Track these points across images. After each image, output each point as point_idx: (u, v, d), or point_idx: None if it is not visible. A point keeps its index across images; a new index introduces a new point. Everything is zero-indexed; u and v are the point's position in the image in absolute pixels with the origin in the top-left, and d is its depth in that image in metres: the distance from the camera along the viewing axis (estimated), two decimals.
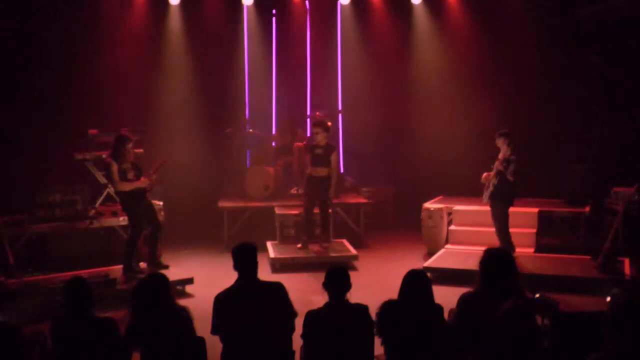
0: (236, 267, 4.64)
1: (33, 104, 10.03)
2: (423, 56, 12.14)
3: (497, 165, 8.34)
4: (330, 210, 9.64)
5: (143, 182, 8.02)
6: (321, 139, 9.20)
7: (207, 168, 11.27)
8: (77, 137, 9.33)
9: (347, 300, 4.47)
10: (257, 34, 12.23)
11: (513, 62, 11.13)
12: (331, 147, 9.28)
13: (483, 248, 4.61)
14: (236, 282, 4.65)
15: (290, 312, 4.65)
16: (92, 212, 9.05)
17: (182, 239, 10.20)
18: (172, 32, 11.62)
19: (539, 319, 4.07)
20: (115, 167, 7.84)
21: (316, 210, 9.46)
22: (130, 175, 7.96)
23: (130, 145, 7.98)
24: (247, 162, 11.64)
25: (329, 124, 9.62)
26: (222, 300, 4.59)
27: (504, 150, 8.35)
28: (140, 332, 4.30)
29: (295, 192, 10.90)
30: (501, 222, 8.48)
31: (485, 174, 8.51)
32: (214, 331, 4.56)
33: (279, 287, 4.70)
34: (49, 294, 7.08)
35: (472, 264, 4.72)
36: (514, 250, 8.30)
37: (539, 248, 9.19)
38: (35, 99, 10.03)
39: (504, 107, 10.77)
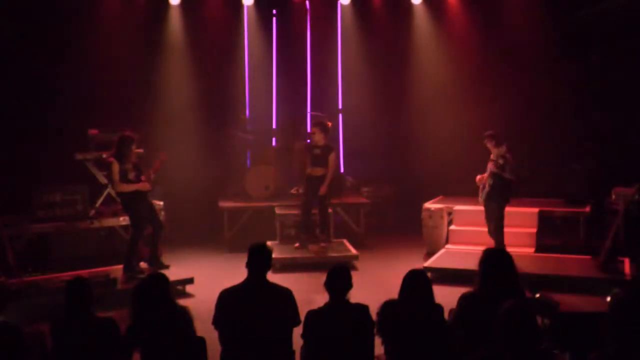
0: (249, 264, 4.60)
1: (33, 103, 10.04)
2: (423, 56, 12.14)
3: (490, 166, 8.39)
4: (330, 210, 9.64)
5: (143, 185, 8.03)
6: (319, 139, 9.19)
7: (207, 168, 11.26)
8: (77, 137, 9.33)
9: (348, 300, 4.47)
10: (257, 34, 12.23)
11: (513, 62, 11.12)
12: (329, 148, 9.27)
13: (483, 248, 4.61)
14: (245, 280, 4.64)
15: (295, 319, 4.61)
16: (93, 212, 9.05)
17: (182, 239, 10.20)
18: (173, 32, 11.62)
19: (539, 319, 4.07)
20: (116, 167, 7.83)
21: (315, 211, 9.47)
22: (131, 176, 7.95)
23: (134, 147, 7.99)
24: (247, 162, 11.64)
25: (329, 124, 9.60)
26: (227, 296, 4.58)
27: (493, 151, 8.41)
28: (140, 332, 4.30)
29: (296, 192, 10.90)
30: (497, 221, 8.51)
31: (479, 176, 8.57)
32: (214, 323, 4.54)
33: (288, 293, 4.66)
34: (49, 294, 7.08)
35: (472, 264, 4.72)
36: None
37: (539, 248, 9.19)
38: (35, 99, 10.03)
39: (504, 107, 10.77)
